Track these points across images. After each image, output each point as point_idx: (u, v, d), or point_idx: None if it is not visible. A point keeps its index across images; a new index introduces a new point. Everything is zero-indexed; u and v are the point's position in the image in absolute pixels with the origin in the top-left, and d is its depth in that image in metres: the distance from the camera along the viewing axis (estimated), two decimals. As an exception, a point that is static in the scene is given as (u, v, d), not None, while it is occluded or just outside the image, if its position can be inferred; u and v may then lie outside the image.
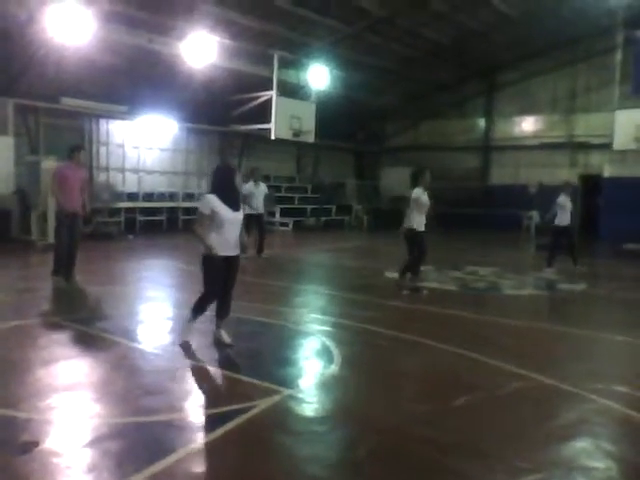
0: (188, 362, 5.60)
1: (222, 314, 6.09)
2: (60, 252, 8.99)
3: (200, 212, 5.77)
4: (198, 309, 6.00)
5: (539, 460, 3.77)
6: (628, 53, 17.75)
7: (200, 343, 6.16)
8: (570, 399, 4.90)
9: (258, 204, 12.71)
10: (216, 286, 5.89)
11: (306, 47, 18.61)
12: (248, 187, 12.56)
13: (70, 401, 4.49)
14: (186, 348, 5.88)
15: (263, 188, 13.13)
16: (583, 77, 22.07)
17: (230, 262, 5.86)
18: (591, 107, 21.72)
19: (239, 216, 5.88)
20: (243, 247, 6.04)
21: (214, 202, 5.69)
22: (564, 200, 11.77)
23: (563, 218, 11.76)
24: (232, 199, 5.80)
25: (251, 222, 11.41)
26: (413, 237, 9.25)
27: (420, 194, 9.21)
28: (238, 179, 5.93)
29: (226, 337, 6.01)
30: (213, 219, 5.69)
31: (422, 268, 9.88)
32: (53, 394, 4.59)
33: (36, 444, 3.71)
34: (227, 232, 5.74)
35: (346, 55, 19.73)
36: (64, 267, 9.01)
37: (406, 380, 5.40)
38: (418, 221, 9.20)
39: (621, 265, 14.15)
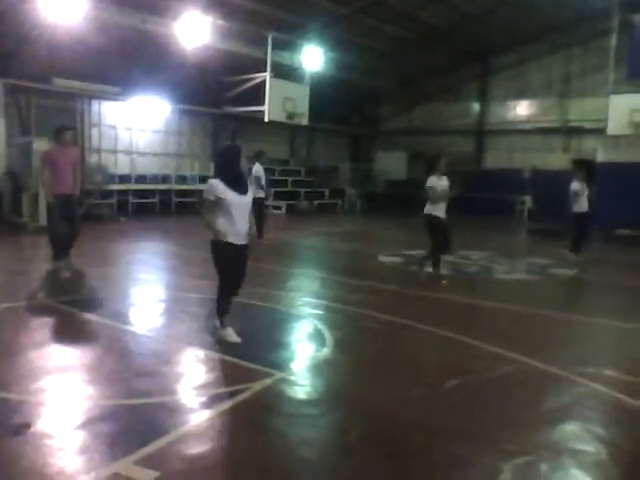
0: (180, 345, 5.60)
1: None
2: (54, 236, 8.86)
3: (205, 198, 5.38)
4: (222, 308, 5.59)
5: (528, 443, 3.81)
6: (623, 37, 17.66)
7: (192, 326, 6.17)
8: (560, 383, 4.93)
9: (263, 187, 12.52)
10: (231, 274, 5.51)
11: (300, 28, 18.44)
12: (257, 169, 12.40)
13: (62, 383, 4.50)
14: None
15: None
16: (578, 61, 22.00)
17: (239, 251, 5.47)
18: (586, 91, 21.66)
19: (247, 200, 5.47)
20: (258, 233, 5.62)
21: (219, 187, 5.29)
22: (576, 186, 11.55)
23: (581, 204, 11.52)
24: (238, 182, 5.41)
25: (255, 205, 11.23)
26: (434, 225, 8.99)
27: (435, 182, 8.93)
28: (243, 160, 5.52)
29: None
30: (220, 205, 5.31)
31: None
32: (45, 376, 4.59)
33: (28, 426, 3.72)
34: (235, 218, 5.34)
35: (340, 37, 19.57)
36: (63, 248, 8.88)
37: (397, 364, 5.42)
38: (438, 208, 8.94)
39: (613, 250, 14.20)
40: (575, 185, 11.49)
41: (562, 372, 5.09)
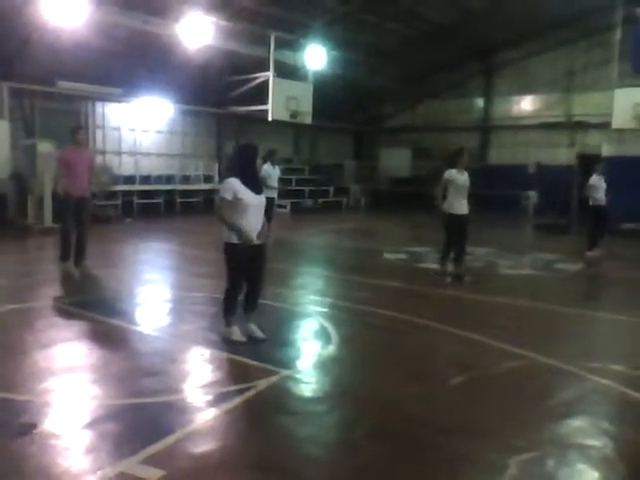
0: (186, 344, 5.61)
1: (249, 306, 5.65)
2: (66, 237, 8.84)
3: (222, 198, 5.32)
4: (228, 310, 5.55)
5: (534, 438, 3.80)
6: (628, 31, 17.57)
7: (197, 325, 6.18)
8: (566, 378, 4.92)
9: (273, 187, 12.43)
10: (240, 278, 5.47)
11: (303, 27, 18.40)
12: (266, 169, 12.32)
13: (68, 383, 4.51)
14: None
15: (278, 171, 12.87)
16: (582, 55, 21.86)
17: (255, 251, 5.39)
18: (590, 86, 21.52)
19: (262, 200, 5.44)
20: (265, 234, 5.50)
21: (237, 186, 5.23)
22: (595, 180, 11.49)
23: (598, 198, 11.46)
24: (254, 182, 5.37)
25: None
26: (451, 221, 8.83)
27: (454, 175, 8.74)
28: (258, 160, 5.48)
29: (257, 331, 5.64)
30: (236, 205, 5.24)
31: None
32: (51, 377, 4.60)
33: (34, 426, 3.73)
34: (251, 218, 5.29)
35: (343, 35, 19.51)
36: (75, 253, 8.85)
37: (403, 360, 5.41)
38: (456, 204, 8.77)
39: (618, 245, 14.14)
40: (593, 179, 11.48)
41: (568, 367, 5.07)
